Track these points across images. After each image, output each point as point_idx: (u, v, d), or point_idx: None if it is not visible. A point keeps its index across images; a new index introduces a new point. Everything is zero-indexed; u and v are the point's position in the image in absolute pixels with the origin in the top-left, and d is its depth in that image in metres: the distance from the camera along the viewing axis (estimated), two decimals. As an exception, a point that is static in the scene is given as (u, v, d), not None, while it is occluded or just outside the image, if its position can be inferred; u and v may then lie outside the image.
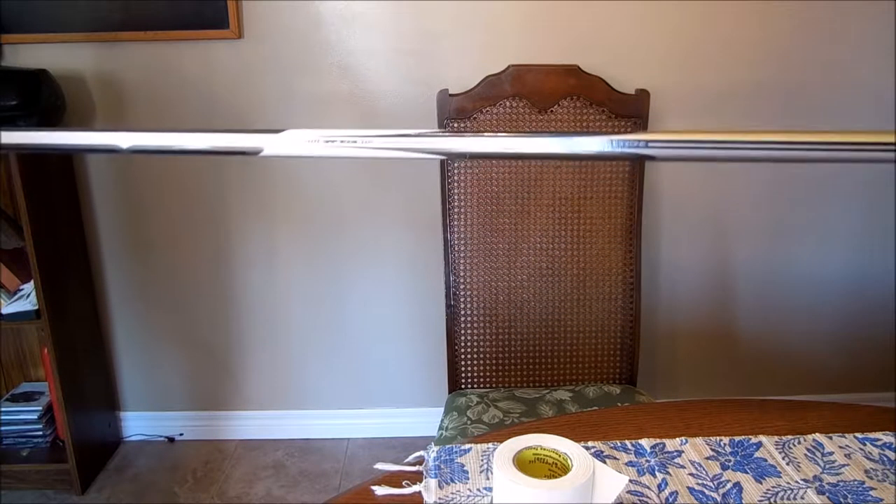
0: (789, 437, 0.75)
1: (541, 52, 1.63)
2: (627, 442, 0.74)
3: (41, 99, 1.52)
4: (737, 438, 0.75)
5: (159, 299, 1.85)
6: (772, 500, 0.65)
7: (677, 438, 0.75)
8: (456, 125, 1.30)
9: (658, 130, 0.39)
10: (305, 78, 1.66)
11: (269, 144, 0.45)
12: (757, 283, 1.85)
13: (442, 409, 1.32)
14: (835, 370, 1.94)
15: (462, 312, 1.36)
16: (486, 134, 0.45)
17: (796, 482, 0.68)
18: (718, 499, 0.65)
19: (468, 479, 0.68)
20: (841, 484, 0.67)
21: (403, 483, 0.68)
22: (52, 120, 1.58)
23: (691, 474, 0.69)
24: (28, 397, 1.79)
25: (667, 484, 0.67)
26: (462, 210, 1.33)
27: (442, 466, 0.70)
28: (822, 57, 1.66)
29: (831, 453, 0.72)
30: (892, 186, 1.77)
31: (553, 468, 0.55)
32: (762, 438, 0.75)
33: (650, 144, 0.40)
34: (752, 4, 1.61)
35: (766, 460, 0.71)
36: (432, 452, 0.72)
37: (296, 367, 1.91)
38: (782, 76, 1.67)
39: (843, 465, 0.70)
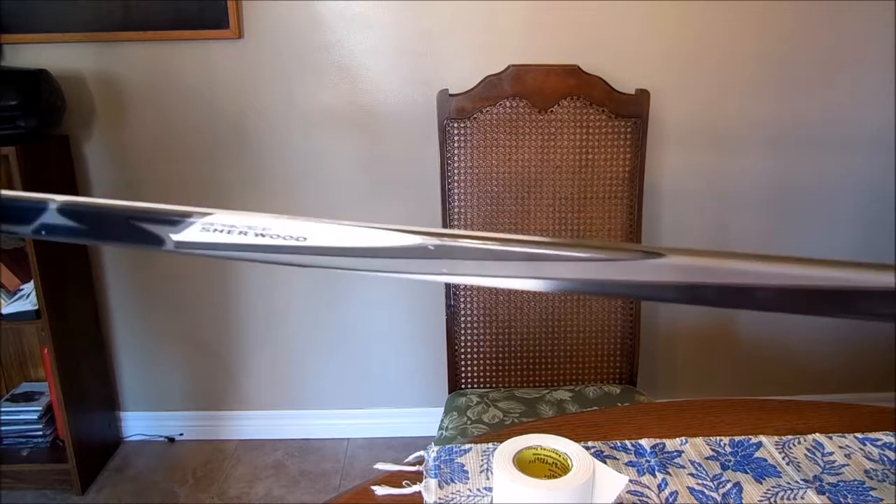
0: (789, 437, 0.75)
1: (541, 52, 1.63)
2: (627, 442, 0.74)
3: (41, 99, 1.52)
4: (737, 438, 0.75)
5: (159, 299, 1.85)
6: (772, 500, 0.65)
7: (677, 438, 0.75)
8: (456, 125, 1.30)
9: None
10: (305, 78, 1.66)
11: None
12: (757, 283, 1.85)
13: (442, 409, 1.32)
14: (835, 370, 1.94)
15: (462, 312, 1.36)
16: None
17: (796, 482, 0.68)
18: (718, 499, 0.65)
19: (468, 479, 0.68)
20: (841, 484, 0.67)
21: (403, 483, 0.68)
22: (52, 120, 1.58)
23: (691, 474, 0.69)
24: (28, 397, 1.79)
25: (667, 484, 0.67)
26: (462, 210, 1.33)
27: (442, 466, 0.70)
28: (822, 57, 1.66)
29: (831, 453, 0.72)
30: (892, 186, 1.77)
31: (553, 468, 0.55)
32: (762, 438, 0.75)
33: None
34: (751, 5, 1.61)
35: (766, 460, 0.71)
36: (432, 452, 0.72)
37: (296, 367, 1.91)
38: (782, 76, 1.67)
39: (843, 465, 0.70)
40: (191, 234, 0.37)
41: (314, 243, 0.35)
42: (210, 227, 0.37)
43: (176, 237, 0.37)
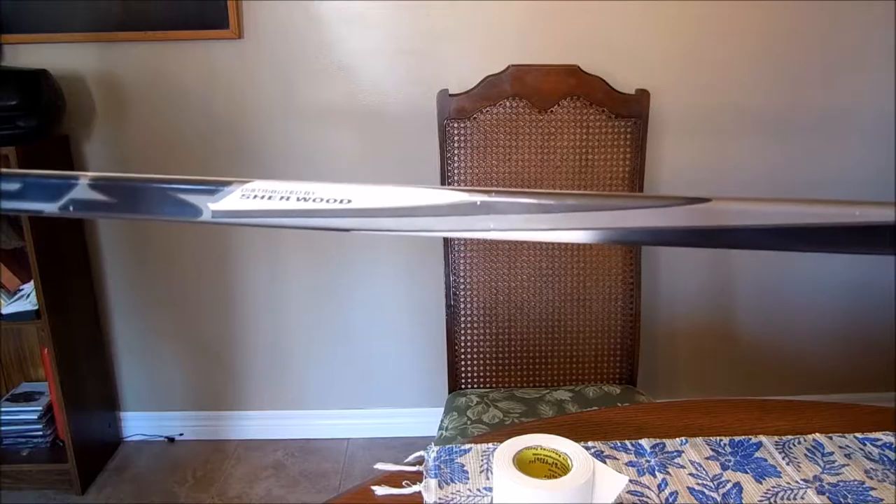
0: (789, 437, 0.75)
1: (541, 52, 1.63)
2: (627, 442, 0.74)
3: (41, 99, 1.51)
4: (737, 438, 0.75)
5: (159, 299, 1.85)
6: (772, 500, 0.65)
7: (677, 438, 0.75)
8: (456, 125, 1.30)
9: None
10: (305, 78, 1.66)
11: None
12: (757, 282, 1.85)
13: (442, 409, 1.32)
14: (835, 370, 1.94)
15: (462, 312, 1.36)
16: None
17: (796, 482, 0.68)
18: (718, 499, 0.65)
19: (468, 479, 0.68)
20: (841, 484, 0.67)
21: (403, 483, 0.68)
22: (52, 120, 1.58)
23: (691, 474, 0.69)
24: (28, 397, 1.79)
25: (667, 484, 0.67)
26: (462, 210, 1.33)
27: (442, 466, 0.70)
28: (822, 57, 1.66)
29: (831, 453, 0.72)
30: (892, 186, 1.77)
31: (553, 468, 0.55)
32: (762, 438, 0.75)
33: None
34: (751, 4, 1.61)
35: (766, 460, 0.71)
36: (432, 452, 0.72)
37: (296, 367, 1.91)
38: (782, 76, 1.67)
39: (843, 465, 0.70)
40: (229, 202, 0.36)
41: (359, 205, 0.34)
42: (250, 193, 0.35)
43: (214, 206, 0.36)
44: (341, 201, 0.34)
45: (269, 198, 0.35)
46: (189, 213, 0.36)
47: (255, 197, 0.35)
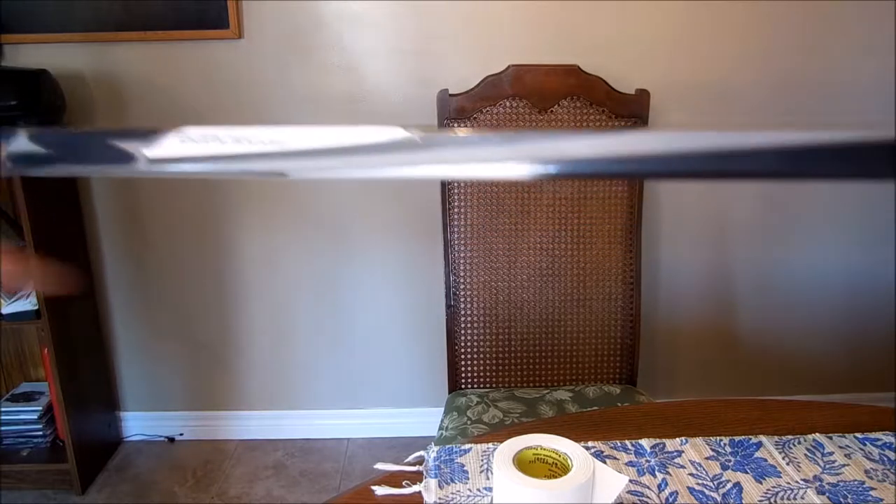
0: (789, 437, 0.75)
1: (541, 52, 1.63)
2: (627, 442, 0.74)
3: (41, 99, 1.51)
4: (737, 438, 0.75)
5: (159, 299, 1.85)
6: (772, 500, 0.65)
7: (677, 438, 0.75)
8: (456, 125, 1.30)
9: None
10: (305, 78, 1.66)
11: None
12: (757, 282, 1.85)
13: (442, 409, 1.32)
14: (835, 370, 1.94)
15: (462, 312, 1.36)
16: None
17: (796, 482, 0.68)
18: (718, 499, 0.65)
19: (468, 479, 0.68)
20: (841, 484, 0.67)
21: (403, 483, 0.68)
22: (52, 120, 1.58)
23: (691, 474, 0.69)
24: (28, 397, 1.79)
25: (667, 484, 0.67)
26: (462, 210, 1.33)
27: (442, 466, 0.70)
28: (823, 56, 1.66)
29: (831, 453, 0.72)
30: (891, 186, 1.77)
31: (553, 468, 0.55)
32: (762, 438, 0.75)
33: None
34: (751, 4, 1.61)
35: (766, 460, 0.71)
36: (432, 452, 0.72)
37: (296, 367, 1.91)
38: (783, 76, 1.67)
39: (843, 465, 0.70)
40: (165, 148, 0.36)
41: (294, 147, 0.35)
42: (186, 138, 0.36)
43: (150, 153, 0.36)
44: (276, 143, 0.34)
45: (206, 142, 0.35)
46: (125, 161, 0.36)
47: (191, 141, 0.35)
